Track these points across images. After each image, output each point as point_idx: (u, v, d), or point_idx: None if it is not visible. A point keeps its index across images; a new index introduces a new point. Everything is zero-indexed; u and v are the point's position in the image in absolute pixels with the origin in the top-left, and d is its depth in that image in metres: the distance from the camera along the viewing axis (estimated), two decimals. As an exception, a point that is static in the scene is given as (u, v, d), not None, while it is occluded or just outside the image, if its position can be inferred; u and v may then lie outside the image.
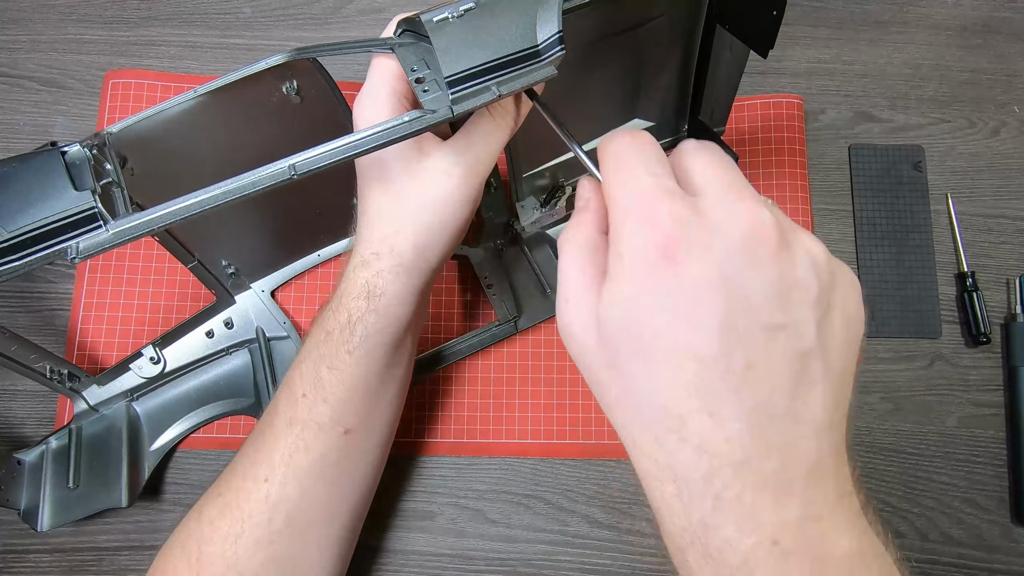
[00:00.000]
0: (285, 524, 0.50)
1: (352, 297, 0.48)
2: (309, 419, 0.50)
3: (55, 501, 0.61)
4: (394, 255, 0.47)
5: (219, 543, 0.49)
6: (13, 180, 0.38)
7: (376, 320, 0.48)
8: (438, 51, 0.38)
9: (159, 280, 0.69)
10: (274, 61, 0.42)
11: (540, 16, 0.39)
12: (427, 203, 0.45)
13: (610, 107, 0.60)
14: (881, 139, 0.75)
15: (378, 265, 0.47)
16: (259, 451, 0.51)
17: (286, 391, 0.51)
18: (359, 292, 0.48)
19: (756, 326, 0.29)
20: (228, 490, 0.51)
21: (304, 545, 0.51)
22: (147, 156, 0.45)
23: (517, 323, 0.66)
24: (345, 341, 0.49)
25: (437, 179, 0.45)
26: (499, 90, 0.39)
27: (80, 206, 0.37)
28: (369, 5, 0.78)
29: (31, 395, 0.67)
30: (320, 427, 0.50)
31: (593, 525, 0.65)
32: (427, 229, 0.46)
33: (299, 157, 0.37)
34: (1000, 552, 0.65)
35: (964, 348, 0.69)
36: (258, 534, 0.49)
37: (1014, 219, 0.73)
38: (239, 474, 0.51)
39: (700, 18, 0.54)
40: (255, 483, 0.50)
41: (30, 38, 0.76)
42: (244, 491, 0.50)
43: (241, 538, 0.49)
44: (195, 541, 0.50)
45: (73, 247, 0.37)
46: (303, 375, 0.50)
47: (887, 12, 0.79)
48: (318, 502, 0.51)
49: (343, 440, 0.51)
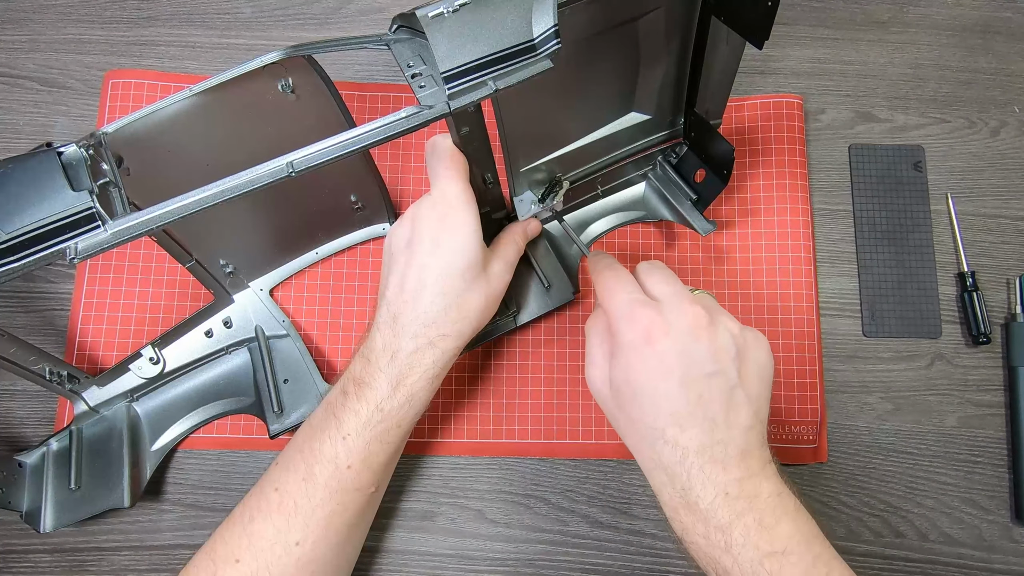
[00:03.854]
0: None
1: (414, 379, 0.54)
2: (352, 487, 0.54)
3: (57, 502, 0.61)
4: (459, 338, 0.55)
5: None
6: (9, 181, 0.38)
7: (429, 395, 0.56)
8: (434, 47, 0.38)
9: (158, 280, 0.69)
10: (269, 59, 0.42)
11: (535, 10, 0.39)
12: (489, 298, 0.56)
13: (607, 101, 0.60)
14: (881, 139, 0.75)
15: (444, 345, 0.54)
16: (290, 520, 0.52)
17: (327, 465, 0.53)
18: (423, 373, 0.54)
19: (701, 374, 0.48)
20: (251, 558, 0.51)
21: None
22: (144, 156, 0.45)
23: (516, 317, 0.66)
24: (400, 419, 0.54)
25: (494, 281, 0.57)
26: (495, 84, 0.39)
27: (78, 206, 0.37)
28: (369, 5, 0.78)
29: (31, 397, 0.67)
30: (359, 491, 0.54)
31: (593, 525, 0.65)
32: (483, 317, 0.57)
33: (297, 155, 0.37)
34: (1000, 552, 0.64)
35: (964, 348, 0.69)
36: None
37: (1014, 219, 0.72)
38: (264, 542, 0.52)
39: (695, 11, 0.54)
40: (285, 549, 0.52)
41: (30, 38, 0.76)
42: (274, 558, 0.51)
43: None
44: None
45: (72, 247, 0.37)
46: (350, 450, 0.53)
47: (887, 12, 0.79)
48: (341, 554, 0.56)
49: (371, 497, 0.56)
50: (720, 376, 0.48)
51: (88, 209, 0.37)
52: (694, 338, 0.48)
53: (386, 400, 0.53)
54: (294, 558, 0.52)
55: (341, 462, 0.53)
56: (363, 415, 0.53)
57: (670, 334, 0.48)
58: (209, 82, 0.44)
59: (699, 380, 0.48)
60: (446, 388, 0.67)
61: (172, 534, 0.64)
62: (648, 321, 0.49)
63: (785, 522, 0.47)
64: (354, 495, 0.54)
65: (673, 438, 0.48)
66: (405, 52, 0.41)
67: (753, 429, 0.49)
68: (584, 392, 0.67)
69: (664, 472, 0.49)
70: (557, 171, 0.63)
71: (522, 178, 0.61)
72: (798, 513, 0.48)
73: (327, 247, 0.70)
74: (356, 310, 0.69)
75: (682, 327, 0.49)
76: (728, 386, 0.48)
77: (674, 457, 0.48)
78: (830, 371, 0.69)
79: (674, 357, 0.48)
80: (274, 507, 0.53)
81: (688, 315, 0.49)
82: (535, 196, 0.63)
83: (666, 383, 0.48)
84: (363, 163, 0.62)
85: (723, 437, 0.48)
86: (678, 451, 0.48)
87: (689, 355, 0.48)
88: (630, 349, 0.49)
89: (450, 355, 0.55)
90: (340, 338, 0.68)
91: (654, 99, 0.61)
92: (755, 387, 0.50)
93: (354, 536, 0.57)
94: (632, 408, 0.49)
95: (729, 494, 0.47)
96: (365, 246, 0.70)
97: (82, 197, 0.37)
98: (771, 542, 0.46)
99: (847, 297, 0.71)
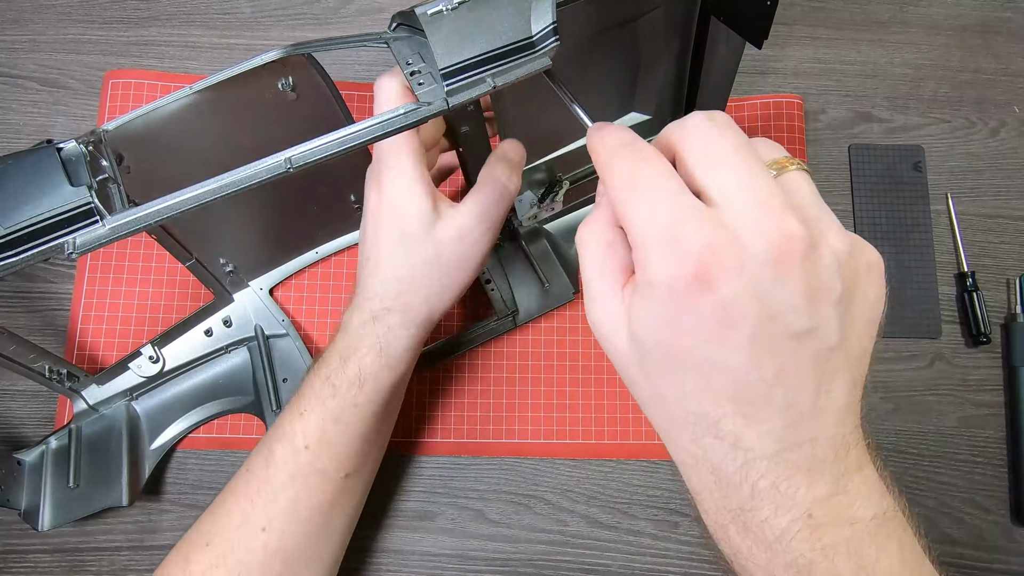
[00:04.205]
0: (282, 570, 0.51)
1: (362, 354, 0.50)
2: (312, 469, 0.51)
3: (56, 501, 0.61)
4: (407, 312, 0.50)
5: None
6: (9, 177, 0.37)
7: (385, 374, 0.51)
8: (432, 44, 0.38)
9: (158, 279, 0.69)
10: (269, 57, 0.42)
11: (534, 8, 0.39)
12: (441, 264, 0.49)
13: (607, 101, 0.60)
14: (881, 139, 0.75)
15: (389, 320, 0.49)
16: (255, 500, 0.51)
17: (285, 443, 0.51)
18: (369, 348, 0.50)
19: (784, 335, 0.30)
20: (220, 541, 0.50)
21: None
22: (143, 153, 0.45)
23: (516, 318, 0.66)
24: (353, 396, 0.51)
25: (451, 242, 0.48)
26: (494, 82, 0.39)
27: (76, 202, 0.37)
28: (369, 5, 0.78)
29: (31, 395, 0.67)
30: (323, 474, 0.52)
31: (593, 525, 0.65)
32: (439, 288, 0.49)
33: (295, 151, 0.37)
34: (1000, 552, 0.64)
35: (964, 348, 0.69)
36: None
37: (1014, 219, 0.72)
38: (231, 523, 0.51)
39: (695, 10, 0.54)
40: (251, 532, 0.50)
41: (30, 38, 0.76)
42: (240, 541, 0.50)
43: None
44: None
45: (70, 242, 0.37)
46: (306, 428, 0.51)
47: (887, 12, 0.79)
48: (313, 543, 0.53)
49: (341, 484, 0.53)
50: (814, 336, 0.31)
51: (86, 204, 0.37)
52: (777, 273, 0.30)
53: (335, 372, 0.51)
54: (260, 543, 0.50)
55: (298, 441, 0.51)
56: (315, 387, 0.51)
57: (742, 270, 0.29)
58: (210, 80, 0.44)
59: (782, 344, 0.30)
60: (446, 388, 0.67)
61: (171, 534, 0.64)
62: (703, 245, 0.29)
63: (889, 554, 0.32)
64: (318, 479, 0.51)
65: (733, 434, 0.32)
66: (404, 50, 0.41)
67: (850, 409, 0.33)
68: (584, 392, 0.67)
69: (712, 476, 0.33)
70: (557, 171, 0.63)
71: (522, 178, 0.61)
72: (905, 534, 0.34)
73: (327, 247, 0.70)
74: (356, 310, 0.69)
75: (761, 257, 0.29)
76: (824, 348, 0.31)
77: (732, 461, 0.32)
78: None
79: (743, 307, 0.30)
80: (242, 488, 0.52)
81: (773, 234, 0.30)
82: (535, 196, 0.63)
83: (726, 350, 0.31)
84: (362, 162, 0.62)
85: (812, 433, 0.31)
86: (739, 455, 0.32)
87: (767, 302, 0.30)
88: (671, 294, 0.30)
89: (402, 332, 0.50)
90: (340, 337, 0.68)
91: (654, 99, 0.61)
92: (859, 340, 0.33)
93: (330, 527, 0.54)
94: (667, 382, 0.33)
95: (814, 518, 0.31)
96: (365, 246, 0.70)
97: (81, 192, 0.37)
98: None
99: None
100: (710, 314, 0.30)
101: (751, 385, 0.31)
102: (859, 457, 0.33)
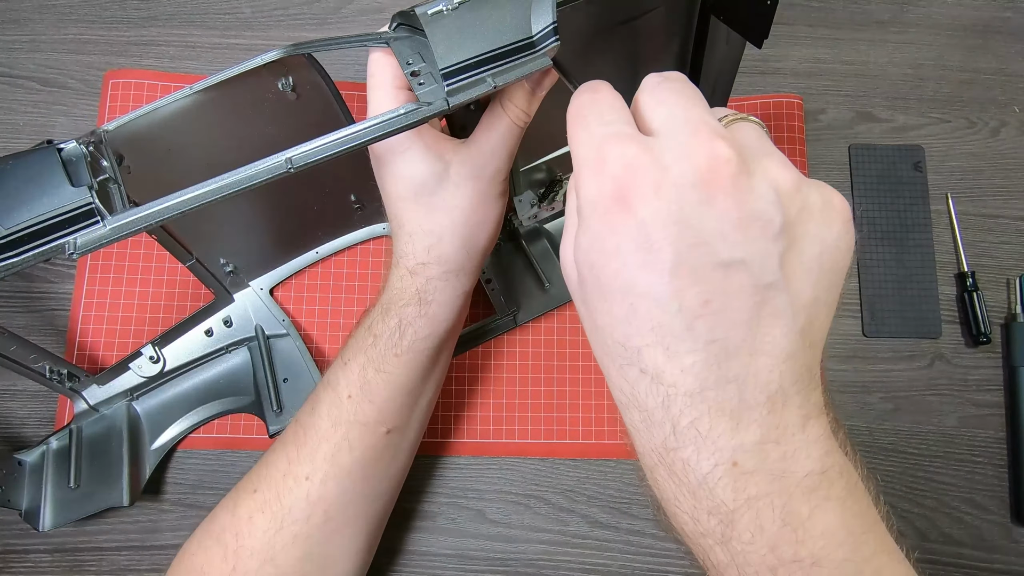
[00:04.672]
0: (323, 520, 0.51)
1: (402, 304, 0.50)
2: (354, 420, 0.51)
3: (56, 501, 0.61)
4: (442, 262, 0.49)
5: (258, 537, 0.50)
6: (9, 178, 0.37)
7: (425, 324, 0.51)
8: (433, 44, 0.38)
9: (158, 279, 0.69)
10: (269, 57, 0.42)
11: (534, 7, 0.39)
12: (463, 208, 0.47)
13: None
14: (881, 139, 0.75)
15: (427, 273, 0.49)
16: (300, 450, 0.51)
17: (330, 392, 0.52)
18: (409, 299, 0.50)
19: (710, 263, 0.29)
20: (266, 487, 0.51)
21: (339, 540, 0.53)
22: (144, 154, 0.45)
23: (516, 317, 0.66)
24: (394, 345, 0.51)
25: (467, 184, 0.47)
26: (494, 81, 0.39)
27: (77, 202, 0.37)
28: (369, 5, 0.78)
29: (31, 395, 0.67)
30: (365, 427, 0.52)
31: (593, 525, 0.65)
32: (469, 232, 0.49)
33: (296, 150, 0.37)
34: (1000, 552, 0.64)
35: (964, 348, 0.69)
36: (296, 530, 0.50)
37: (1014, 219, 0.72)
38: (278, 471, 0.52)
39: (695, 10, 0.54)
40: (296, 481, 0.51)
41: (30, 38, 0.76)
42: (285, 488, 0.51)
43: (280, 533, 0.50)
44: (231, 534, 0.51)
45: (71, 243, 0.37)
46: (349, 377, 0.51)
47: (887, 12, 0.79)
48: (356, 499, 0.53)
49: (384, 439, 0.53)
50: (746, 269, 0.29)
51: (87, 205, 0.37)
52: (703, 197, 0.29)
53: (377, 322, 0.51)
54: (304, 492, 0.51)
55: (341, 390, 0.51)
56: (358, 336, 0.52)
57: (662, 189, 0.29)
58: (210, 80, 0.44)
59: (708, 274, 0.29)
60: (446, 388, 0.67)
61: (172, 534, 0.64)
62: (623, 166, 0.30)
63: (825, 513, 0.30)
64: (360, 431, 0.52)
65: (654, 367, 0.30)
66: (404, 50, 0.41)
67: (793, 358, 0.30)
68: (584, 392, 0.67)
69: (639, 412, 0.32)
70: (557, 171, 0.63)
71: (522, 178, 0.61)
72: (850, 497, 0.31)
73: (327, 247, 0.70)
74: (356, 310, 0.69)
75: (685, 177, 0.29)
76: (759, 284, 0.29)
77: (654, 396, 0.31)
78: (830, 371, 0.68)
79: (664, 230, 0.29)
80: (289, 437, 0.53)
81: (699, 156, 0.30)
82: (535, 196, 0.63)
83: (648, 276, 0.30)
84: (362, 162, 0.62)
85: (740, 372, 0.30)
86: (660, 389, 0.30)
87: (692, 227, 0.29)
88: (595, 214, 0.31)
89: (441, 283, 0.50)
90: (340, 338, 0.68)
91: (654, 99, 0.61)
92: (809, 287, 0.31)
93: (371, 485, 0.54)
94: (599, 309, 0.32)
95: (739, 466, 0.30)
96: (365, 246, 0.70)
97: (81, 193, 0.37)
98: (796, 544, 0.30)
99: (847, 297, 0.70)
100: (632, 237, 0.30)
101: (673, 315, 0.29)
102: (805, 414, 0.31)
